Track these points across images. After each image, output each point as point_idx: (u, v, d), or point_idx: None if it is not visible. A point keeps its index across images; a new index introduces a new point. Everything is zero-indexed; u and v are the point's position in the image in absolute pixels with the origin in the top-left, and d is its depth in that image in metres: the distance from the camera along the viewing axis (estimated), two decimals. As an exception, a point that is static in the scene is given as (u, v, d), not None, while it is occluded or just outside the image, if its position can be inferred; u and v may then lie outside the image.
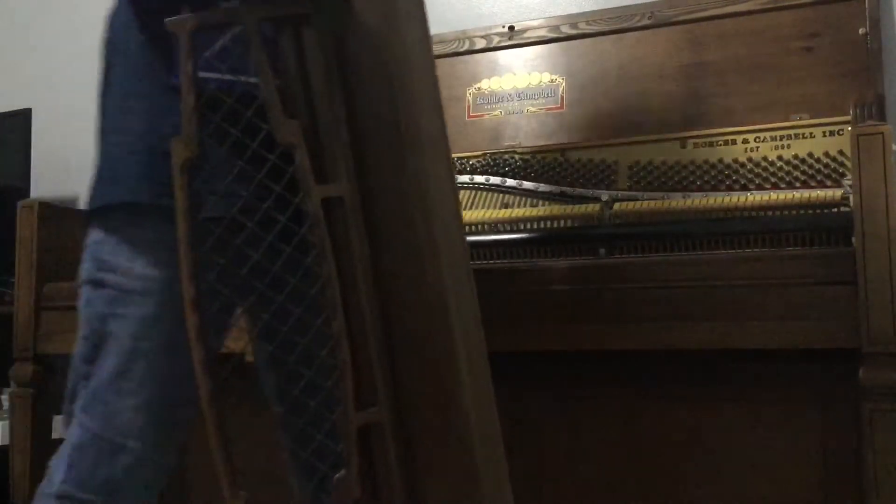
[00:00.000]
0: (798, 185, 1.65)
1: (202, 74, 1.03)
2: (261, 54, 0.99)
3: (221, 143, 1.00)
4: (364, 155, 1.03)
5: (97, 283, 1.15)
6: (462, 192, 1.89)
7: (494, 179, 1.89)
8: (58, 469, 1.14)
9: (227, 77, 1.04)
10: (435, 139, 1.11)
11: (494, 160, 1.93)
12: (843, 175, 1.61)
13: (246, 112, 1.00)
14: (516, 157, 1.92)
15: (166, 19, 0.98)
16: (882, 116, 1.70)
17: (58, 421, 2.14)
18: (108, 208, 1.15)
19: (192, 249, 0.98)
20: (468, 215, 1.80)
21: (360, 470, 0.99)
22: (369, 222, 1.03)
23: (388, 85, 1.03)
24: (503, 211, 1.81)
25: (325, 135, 1.02)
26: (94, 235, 1.16)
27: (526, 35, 2.05)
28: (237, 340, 1.21)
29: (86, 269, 1.17)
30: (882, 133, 1.31)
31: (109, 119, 1.20)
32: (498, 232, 1.76)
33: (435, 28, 1.16)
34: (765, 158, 1.70)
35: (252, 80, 1.04)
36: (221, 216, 1.00)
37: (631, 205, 1.69)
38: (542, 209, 1.77)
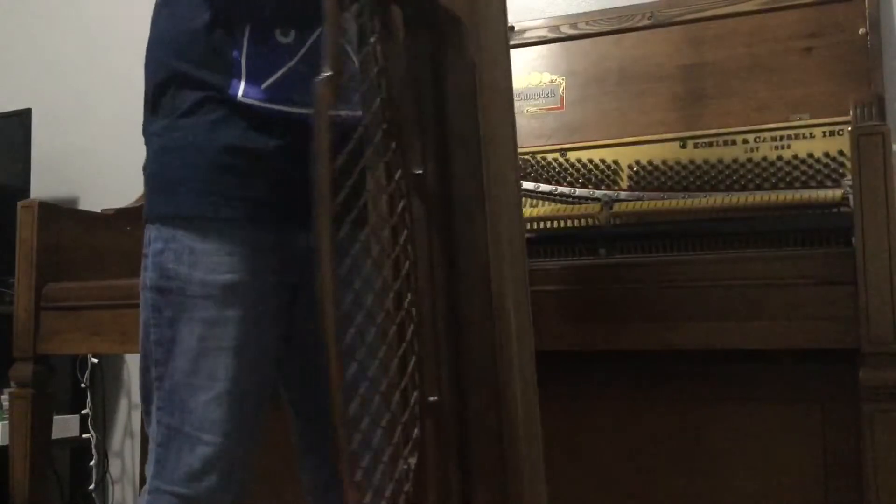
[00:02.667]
0: (798, 185, 1.65)
1: (268, 105, 1.17)
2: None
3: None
4: (446, 150, 1.03)
5: (163, 291, 1.20)
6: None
7: (494, 179, 1.89)
8: (150, 468, 1.22)
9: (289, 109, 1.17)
10: (507, 140, 1.11)
11: (494, 160, 1.92)
12: (843, 175, 1.60)
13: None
14: (516, 157, 1.92)
15: None
16: (882, 116, 1.69)
17: (58, 421, 2.15)
18: (167, 218, 1.21)
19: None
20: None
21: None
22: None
23: (470, 82, 1.02)
24: (503, 211, 1.81)
25: (408, 129, 1.03)
26: (156, 245, 1.21)
27: (526, 35, 2.05)
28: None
29: (150, 277, 1.22)
30: (882, 133, 1.30)
31: (164, 132, 1.23)
32: (498, 232, 1.76)
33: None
34: (765, 158, 1.70)
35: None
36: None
37: (631, 205, 1.69)
38: (542, 209, 1.77)
